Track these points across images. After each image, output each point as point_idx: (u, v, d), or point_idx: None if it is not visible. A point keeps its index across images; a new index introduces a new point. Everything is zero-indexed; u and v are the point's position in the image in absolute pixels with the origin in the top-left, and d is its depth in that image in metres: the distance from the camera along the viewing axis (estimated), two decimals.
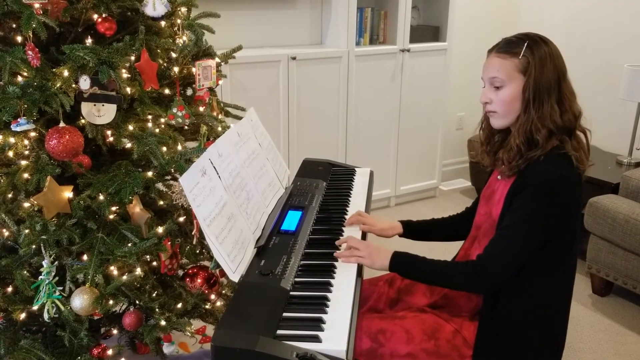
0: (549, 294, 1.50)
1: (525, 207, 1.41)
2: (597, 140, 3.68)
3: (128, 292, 1.76)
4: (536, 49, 1.43)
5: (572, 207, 1.44)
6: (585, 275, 2.97)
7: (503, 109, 1.48)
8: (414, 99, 3.81)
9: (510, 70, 1.45)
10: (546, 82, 1.42)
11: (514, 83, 1.45)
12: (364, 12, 3.57)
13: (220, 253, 1.35)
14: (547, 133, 1.42)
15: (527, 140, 1.44)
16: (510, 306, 1.49)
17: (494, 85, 1.48)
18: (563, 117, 1.44)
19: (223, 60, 2.08)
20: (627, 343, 2.51)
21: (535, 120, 1.43)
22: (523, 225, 1.41)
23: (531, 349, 1.51)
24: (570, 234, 1.46)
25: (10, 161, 1.66)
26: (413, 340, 1.51)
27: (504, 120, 1.50)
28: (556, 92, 1.44)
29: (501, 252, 1.43)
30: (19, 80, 1.58)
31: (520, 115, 1.46)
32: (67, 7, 1.60)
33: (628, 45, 3.63)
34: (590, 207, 2.77)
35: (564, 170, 1.42)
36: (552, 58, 1.43)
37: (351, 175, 2.18)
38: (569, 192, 1.42)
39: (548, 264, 1.46)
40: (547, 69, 1.42)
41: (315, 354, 1.15)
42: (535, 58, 1.42)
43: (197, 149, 1.75)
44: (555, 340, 1.55)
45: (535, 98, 1.43)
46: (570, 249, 1.49)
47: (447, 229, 1.82)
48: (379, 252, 1.54)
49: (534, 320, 1.49)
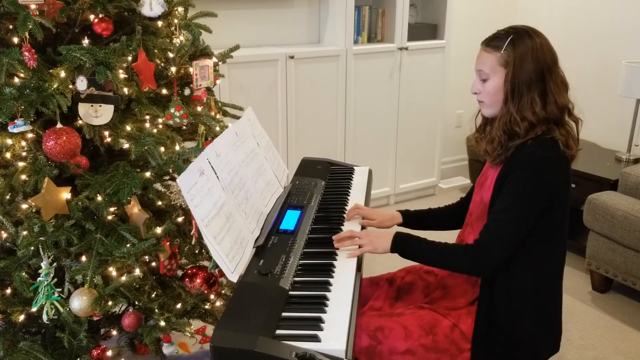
0: (541, 278, 1.53)
1: (514, 189, 1.45)
2: (595, 136, 3.71)
3: (127, 292, 1.76)
4: (518, 44, 1.47)
5: (559, 187, 1.47)
6: (585, 272, 2.97)
7: (489, 99, 1.54)
8: (412, 97, 3.81)
9: (493, 64, 1.50)
10: (526, 77, 1.46)
11: (496, 76, 1.50)
12: (362, 10, 3.56)
13: (219, 253, 1.35)
14: (527, 125, 1.47)
15: (507, 131, 1.49)
16: (505, 292, 1.51)
17: (481, 77, 1.54)
18: (546, 109, 1.47)
19: (220, 59, 2.07)
20: (627, 339, 2.51)
21: (513, 113, 1.47)
22: (514, 207, 1.45)
23: (528, 336, 1.53)
24: (559, 217, 1.50)
25: (7, 163, 1.66)
26: (411, 336, 1.52)
27: (491, 109, 1.55)
28: (539, 85, 1.47)
29: (495, 235, 1.47)
30: (16, 82, 1.58)
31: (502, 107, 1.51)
32: (63, 7, 1.59)
33: (626, 41, 3.63)
34: (589, 203, 2.77)
35: (550, 152, 1.46)
36: (535, 52, 1.46)
37: (350, 174, 2.18)
38: (556, 172, 1.47)
39: (539, 248, 1.50)
40: (527, 63, 1.46)
41: (314, 353, 1.15)
42: (516, 52, 1.46)
43: (195, 149, 1.75)
44: (551, 327, 1.57)
45: (514, 91, 1.47)
46: (559, 233, 1.53)
47: (444, 218, 1.85)
48: (379, 237, 1.58)
49: (528, 306, 1.52)
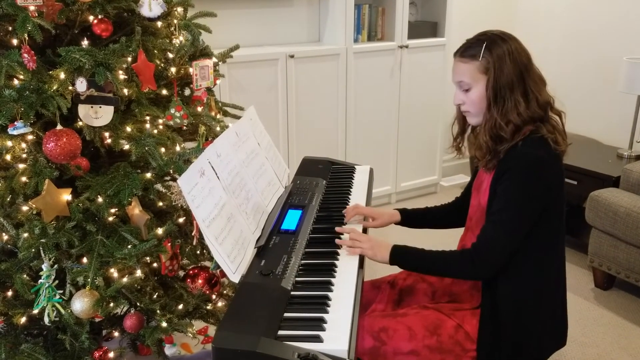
0: (543, 277, 1.53)
1: (508, 191, 1.46)
2: (597, 133, 3.70)
3: (129, 294, 1.76)
4: (494, 49, 1.48)
5: (553, 186, 1.47)
6: (588, 269, 2.96)
7: (475, 108, 1.54)
8: (413, 95, 3.80)
9: (473, 73, 1.50)
10: (507, 79, 1.47)
11: (479, 84, 1.51)
12: (362, 9, 3.56)
13: (220, 254, 1.34)
14: (513, 127, 1.47)
15: (493, 137, 1.49)
16: (507, 294, 1.51)
17: (462, 88, 1.54)
18: (530, 108, 1.48)
19: (220, 59, 2.07)
20: (630, 336, 2.50)
21: (497, 118, 1.48)
22: (510, 209, 1.45)
23: (533, 335, 1.52)
24: (556, 214, 1.50)
25: (7, 165, 1.65)
26: (415, 337, 1.52)
27: (478, 117, 1.56)
28: (520, 86, 1.48)
29: (493, 237, 1.46)
30: (15, 84, 1.57)
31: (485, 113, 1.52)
32: (62, 9, 1.59)
33: (627, 38, 3.62)
34: (591, 200, 2.76)
35: (541, 151, 1.46)
36: (511, 55, 1.47)
37: (351, 173, 2.17)
38: (549, 171, 1.47)
39: (538, 247, 1.50)
40: (506, 66, 1.47)
41: (317, 354, 1.15)
42: (494, 57, 1.47)
43: (196, 149, 1.74)
44: (555, 325, 1.57)
45: (497, 96, 1.48)
46: (557, 231, 1.53)
47: (441, 216, 1.86)
48: (380, 246, 1.57)
49: (531, 305, 1.52)
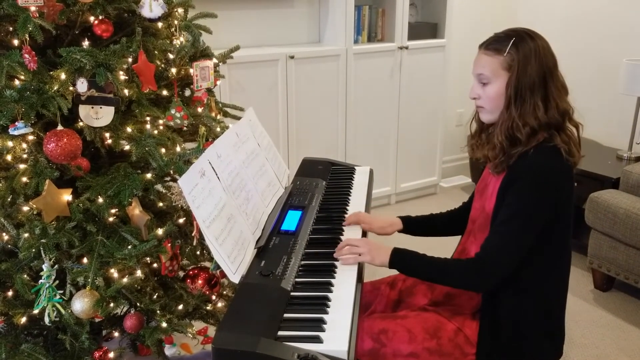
0: (547, 286, 1.50)
1: (517, 201, 1.41)
2: (596, 135, 3.70)
3: (129, 294, 1.76)
4: (522, 46, 1.43)
5: (563, 197, 1.43)
6: (587, 270, 2.96)
7: (490, 105, 1.49)
8: (413, 96, 3.81)
9: (495, 68, 1.45)
10: (529, 80, 1.42)
11: (499, 80, 1.46)
12: (362, 10, 3.56)
13: (220, 254, 1.35)
14: (529, 130, 1.42)
15: (508, 137, 1.44)
16: (509, 302, 1.48)
17: (481, 81, 1.49)
18: (548, 114, 1.43)
19: (221, 60, 2.07)
20: (630, 338, 2.50)
21: (516, 118, 1.43)
22: (517, 220, 1.41)
23: (532, 342, 1.51)
24: (564, 226, 1.47)
25: (8, 165, 1.66)
26: (415, 339, 1.51)
27: (491, 115, 1.51)
28: (542, 89, 1.43)
29: (498, 248, 1.42)
30: (16, 84, 1.58)
31: (503, 112, 1.47)
32: (63, 9, 1.59)
33: (627, 39, 3.62)
34: (590, 202, 2.76)
35: (553, 161, 1.42)
36: (537, 55, 1.42)
37: (351, 173, 2.17)
38: (559, 183, 1.43)
39: (543, 257, 1.46)
40: (531, 66, 1.42)
41: (316, 354, 1.15)
42: (520, 55, 1.42)
43: (196, 150, 1.74)
44: (555, 333, 1.55)
45: (517, 95, 1.43)
46: (564, 241, 1.49)
47: (445, 223, 1.81)
48: (379, 249, 1.53)
49: (533, 313, 1.49)
